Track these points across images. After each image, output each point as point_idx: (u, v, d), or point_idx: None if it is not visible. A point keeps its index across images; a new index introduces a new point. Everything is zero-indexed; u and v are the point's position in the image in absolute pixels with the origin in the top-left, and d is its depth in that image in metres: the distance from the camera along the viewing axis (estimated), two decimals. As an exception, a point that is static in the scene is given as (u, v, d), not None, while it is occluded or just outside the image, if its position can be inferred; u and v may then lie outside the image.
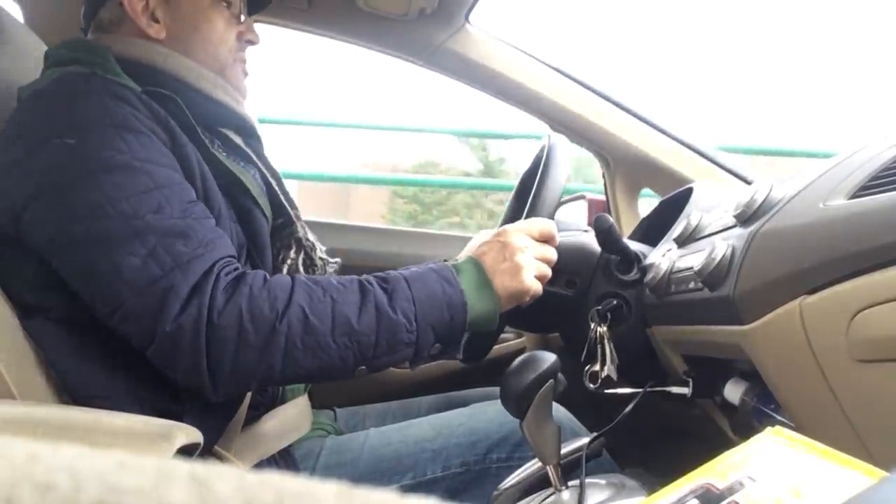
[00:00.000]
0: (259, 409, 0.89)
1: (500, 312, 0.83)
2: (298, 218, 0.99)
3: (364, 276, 0.79)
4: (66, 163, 0.73)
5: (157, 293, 0.69)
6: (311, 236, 0.98)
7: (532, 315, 0.93)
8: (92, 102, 0.77)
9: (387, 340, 0.75)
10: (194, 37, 0.93)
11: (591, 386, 0.92)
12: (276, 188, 0.97)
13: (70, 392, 0.75)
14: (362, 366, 0.76)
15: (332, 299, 0.75)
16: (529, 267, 0.83)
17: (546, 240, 0.88)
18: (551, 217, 0.93)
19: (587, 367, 0.93)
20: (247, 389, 0.80)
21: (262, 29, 1.04)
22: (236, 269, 0.75)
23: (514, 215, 1.13)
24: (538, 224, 0.88)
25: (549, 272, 0.87)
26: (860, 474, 0.39)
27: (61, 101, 0.78)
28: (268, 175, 0.97)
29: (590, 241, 1.05)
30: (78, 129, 0.75)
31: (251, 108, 1.00)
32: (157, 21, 0.91)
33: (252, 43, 1.00)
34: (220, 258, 0.74)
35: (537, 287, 0.84)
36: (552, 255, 0.87)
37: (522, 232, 0.86)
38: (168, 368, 0.72)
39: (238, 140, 0.96)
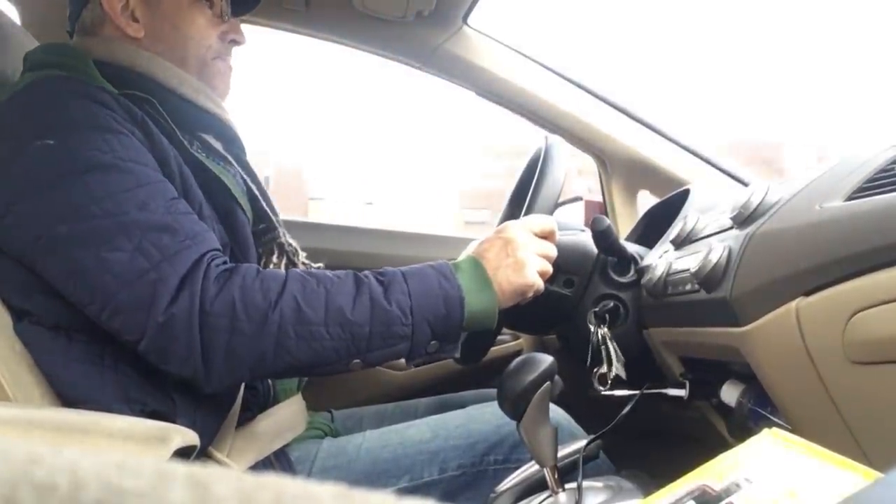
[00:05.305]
0: (252, 410, 0.89)
1: (501, 309, 0.82)
2: (280, 223, 0.98)
3: (360, 272, 0.79)
4: (47, 164, 0.73)
5: (146, 285, 0.69)
6: (292, 241, 0.98)
7: (529, 315, 0.93)
8: (70, 104, 0.77)
9: (381, 332, 0.75)
10: (174, 35, 0.92)
11: (602, 388, 0.91)
12: (258, 193, 0.96)
13: (60, 395, 0.75)
14: (356, 358, 0.76)
15: (326, 290, 0.74)
16: (532, 263, 0.83)
17: (546, 236, 0.88)
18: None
19: (595, 370, 0.93)
20: (240, 380, 0.79)
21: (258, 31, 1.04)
22: (226, 261, 0.75)
23: (510, 217, 1.13)
24: (538, 220, 0.88)
25: (550, 268, 0.86)
26: (856, 475, 0.39)
27: (39, 103, 0.77)
28: (248, 180, 0.97)
29: (588, 240, 1.05)
30: (57, 130, 0.74)
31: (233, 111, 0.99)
32: (136, 20, 0.90)
33: (237, 43, 0.99)
34: (208, 250, 0.74)
35: (540, 283, 0.84)
36: (553, 251, 0.87)
37: (524, 228, 0.86)
38: (161, 361, 0.72)
39: (218, 145, 0.96)
